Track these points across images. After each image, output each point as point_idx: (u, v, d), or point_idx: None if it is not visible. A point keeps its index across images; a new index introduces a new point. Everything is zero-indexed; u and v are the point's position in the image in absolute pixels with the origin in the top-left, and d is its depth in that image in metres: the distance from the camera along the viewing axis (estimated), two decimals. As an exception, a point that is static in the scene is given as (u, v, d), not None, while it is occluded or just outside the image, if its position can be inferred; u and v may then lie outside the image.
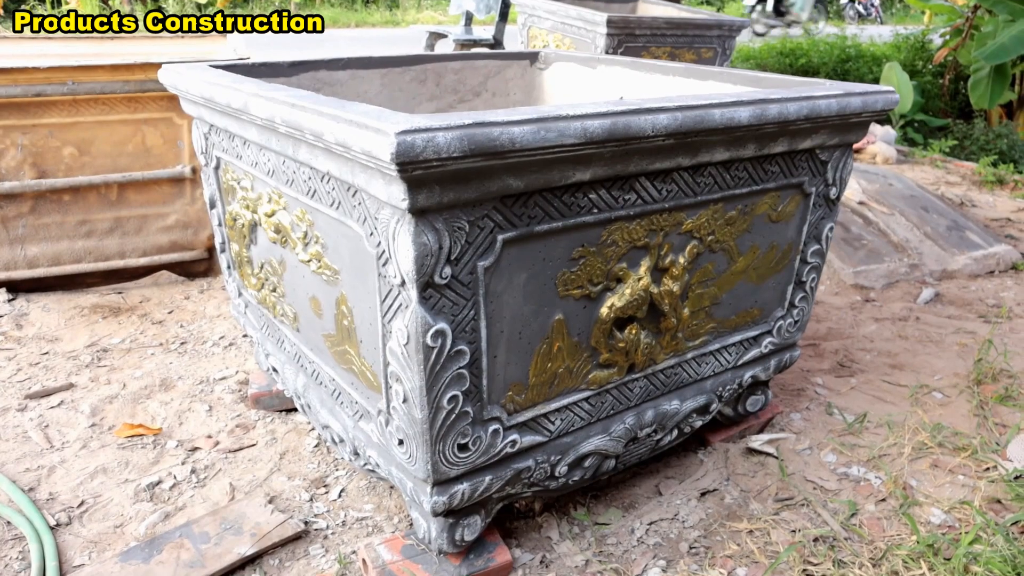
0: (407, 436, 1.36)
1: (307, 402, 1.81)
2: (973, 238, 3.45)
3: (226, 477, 1.93)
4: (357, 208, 1.31)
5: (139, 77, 2.63)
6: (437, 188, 1.15)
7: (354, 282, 1.42)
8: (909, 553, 1.66)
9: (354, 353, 1.50)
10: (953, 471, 1.95)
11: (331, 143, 1.20)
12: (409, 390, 1.30)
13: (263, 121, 1.44)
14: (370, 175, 1.20)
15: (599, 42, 5.19)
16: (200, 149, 2.01)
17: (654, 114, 1.32)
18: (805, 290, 1.92)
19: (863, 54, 9.23)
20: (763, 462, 1.99)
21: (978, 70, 7.35)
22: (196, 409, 2.21)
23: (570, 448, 1.59)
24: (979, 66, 7.30)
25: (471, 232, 1.23)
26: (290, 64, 2.13)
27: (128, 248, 2.90)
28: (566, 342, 1.47)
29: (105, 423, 2.14)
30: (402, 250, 1.18)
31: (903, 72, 7.64)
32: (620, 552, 1.70)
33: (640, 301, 1.54)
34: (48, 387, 2.29)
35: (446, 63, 2.42)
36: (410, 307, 1.22)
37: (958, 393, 2.32)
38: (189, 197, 2.90)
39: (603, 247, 1.44)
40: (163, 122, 2.76)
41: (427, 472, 1.37)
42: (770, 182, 1.68)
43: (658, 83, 2.20)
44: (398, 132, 1.05)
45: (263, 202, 1.71)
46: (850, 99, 1.66)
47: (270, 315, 1.91)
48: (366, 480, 1.92)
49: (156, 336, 2.64)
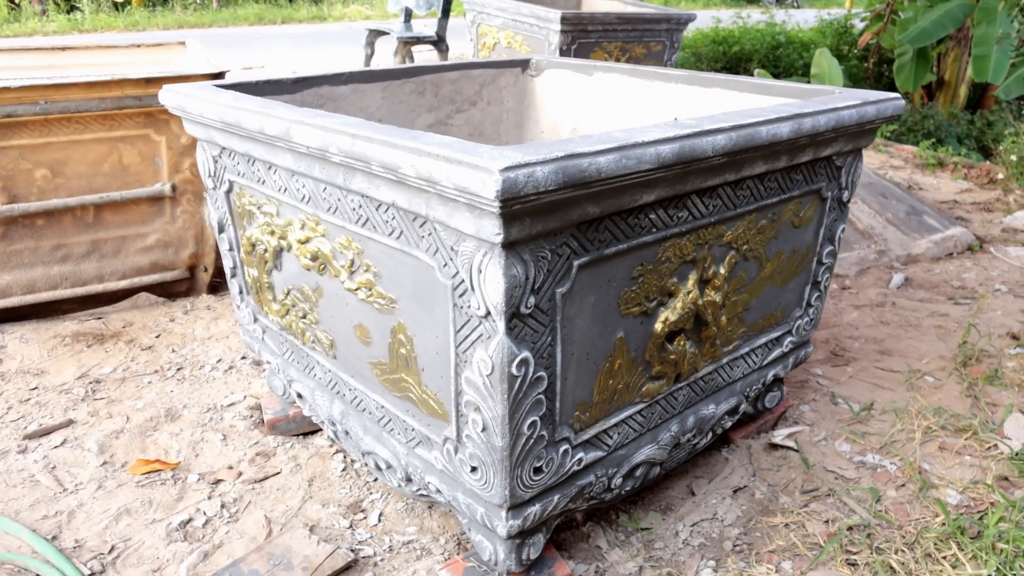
0: (484, 463, 1.37)
1: (345, 429, 1.79)
2: (931, 222, 3.64)
3: (258, 509, 1.89)
4: (426, 239, 1.30)
5: (115, 94, 2.51)
6: (528, 220, 1.15)
7: (416, 311, 1.41)
8: (938, 535, 1.76)
9: (413, 382, 1.49)
10: (959, 452, 2.07)
11: (409, 176, 1.19)
12: (490, 419, 1.30)
13: (309, 149, 1.41)
14: (452, 208, 1.19)
15: (552, 39, 5.21)
16: (208, 172, 1.95)
17: (713, 135, 1.35)
18: (820, 289, 2.00)
19: (792, 40, 9.55)
20: (785, 456, 2.07)
21: (902, 54, 7.70)
22: (210, 439, 2.15)
23: (624, 460, 1.62)
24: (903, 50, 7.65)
25: (551, 260, 1.24)
26: (293, 81, 2.08)
27: (107, 271, 2.77)
28: (625, 359, 1.49)
29: (116, 460, 2.05)
30: (490, 282, 1.18)
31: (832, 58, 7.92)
32: (669, 556, 1.74)
33: (690, 313, 1.58)
34: (46, 425, 2.18)
35: (443, 73, 2.40)
36: (496, 338, 1.23)
37: (947, 376, 2.45)
38: (169, 216, 2.79)
39: (658, 264, 1.46)
40: (140, 139, 2.64)
41: (504, 497, 1.37)
42: (795, 190, 1.74)
43: (661, 92, 2.24)
44: (502, 169, 1.05)
45: (294, 228, 1.67)
46: (867, 108, 1.73)
47: (297, 341, 1.86)
48: (403, 502, 1.90)
49: (149, 363, 2.54)
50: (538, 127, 2.64)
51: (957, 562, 1.69)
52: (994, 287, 3.15)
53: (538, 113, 2.63)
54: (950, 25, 6.81)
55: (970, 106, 8.01)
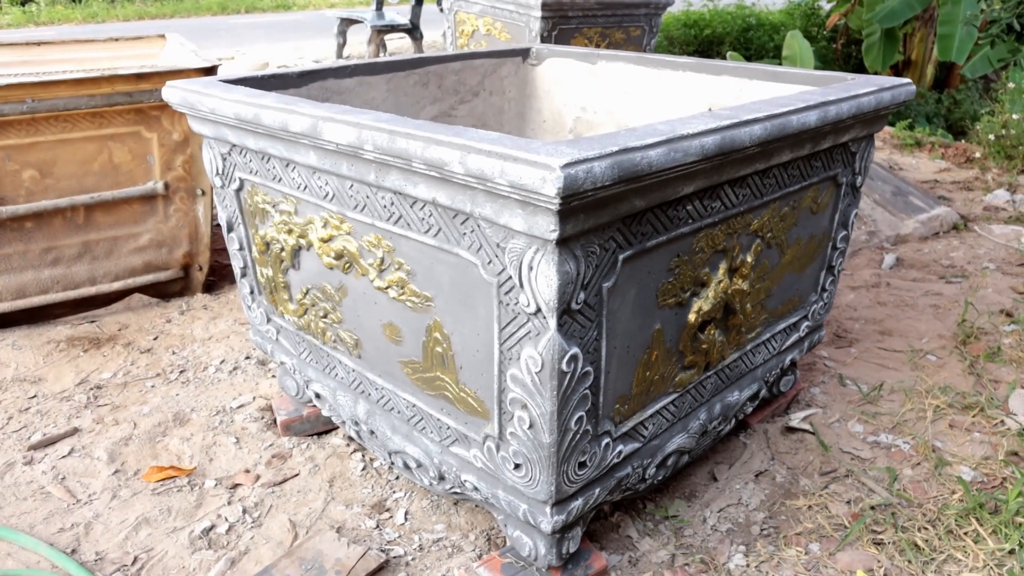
0: (529, 460, 1.36)
1: (370, 429, 1.76)
2: (916, 202, 3.70)
3: (281, 513, 1.86)
4: (469, 236, 1.28)
5: (105, 91, 2.43)
6: (581, 216, 1.14)
7: (454, 309, 1.39)
8: (958, 512, 1.79)
9: (449, 380, 1.47)
10: (969, 430, 2.12)
11: (456, 173, 1.17)
12: (538, 415, 1.29)
13: (338, 146, 1.38)
14: (500, 205, 1.17)
15: (533, 25, 5.17)
16: (215, 170, 1.90)
17: (750, 125, 1.35)
18: (834, 273, 2.02)
19: (763, 23, 9.62)
20: (801, 438, 2.09)
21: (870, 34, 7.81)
22: (222, 443, 2.11)
23: (658, 450, 1.62)
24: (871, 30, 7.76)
25: (599, 255, 1.23)
26: (299, 75, 2.04)
27: (99, 273, 2.70)
28: (661, 350, 1.49)
29: (128, 468, 2.01)
30: (543, 279, 1.17)
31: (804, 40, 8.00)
32: (699, 542, 1.76)
33: (721, 303, 1.58)
34: (51, 435, 2.12)
35: (446, 64, 2.37)
36: (547, 334, 1.21)
37: (948, 354, 2.50)
38: (162, 214, 2.72)
39: (693, 255, 1.46)
40: (131, 137, 2.57)
41: (549, 493, 1.37)
42: (814, 177, 1.75)
43: (669, 80, 2.23)
44: (563, 166, 1.03)
45: (315, 226, 1.64)
46: (883, 94, 1.75)
47: (316, 341, 1.83)
48: (428, 499, 1.89)
49: (150, 367, 2.48)
50: (540, 116, 2.62)
51: (979, 537, 1.73)
52: (982, 265, 3.22)
53: (540, 102, 2.61)
54: (917, 5, 6.91)
55: (937, 85, 8.16)
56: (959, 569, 1.66)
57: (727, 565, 1.68)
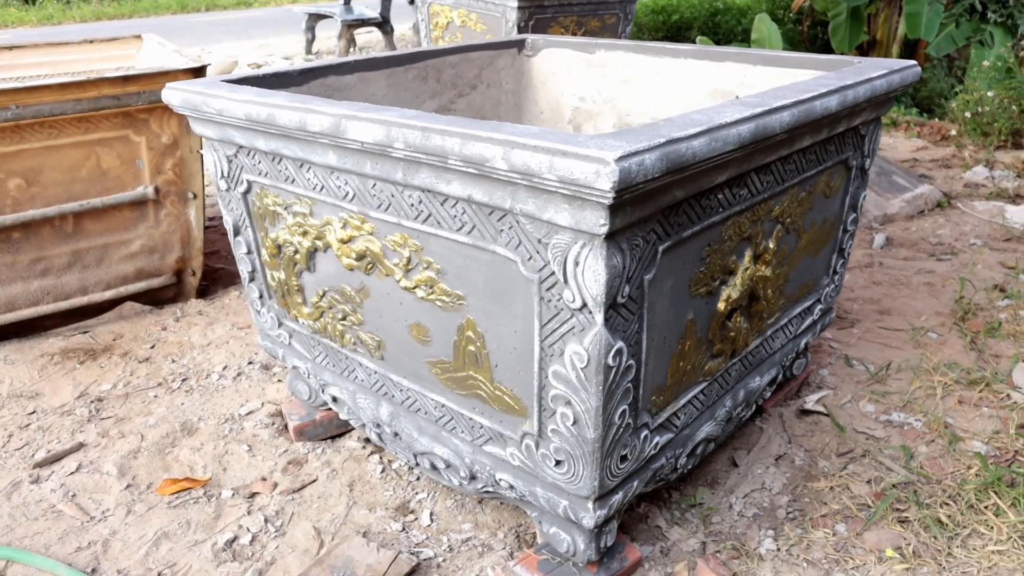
0: (572, 456, 1.35)
1: (395, 431, 1.74)
2: (900, 181, 3.76)
3: (304, 520, 1.83)
4: (506, 232, 1.26)
5: (92, 94, 2.36)
6: (628, 209, 1.13)
7: (488, 307, 1.37)
8: (976, 487, 1.83)
9: (483, 379, 1.45)
10: (977, 405, 2.15)
11: (499, 169, 1.15)
12: (583, 411, 1.28)
13: (363, 145, 1.35)
14: (544, 201, 1.15)
15: (510, 16, 5.15)
16: (221, 173, 1.85)
17: (779, 112, 1.35)
18: (844, 256, 2.04)
19: (730, 7, 9.68)
20: (816, 420, 2.11)
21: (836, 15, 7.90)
22: (235, 451, 2.07)
23: (689, 439, 1.63)
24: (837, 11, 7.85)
25: (642, 248, 1.22)
26: (299, 72, 2.00)
27: (90, 282, 2.63)
28: (693, 340, 1.49)
29: (140, 482, 1.96)
30: (590, 274, 1.16)
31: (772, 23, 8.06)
32: (727, 529, 1.76)
33: (748, 290, 1.58)
34: (55, 451, 2.06)
35: (444, 57, 2.34)
36: (593, 329, 1.20)
37: (948, 331, 2.54)
38: (153, 220, 2.65)
39: (722, 243, 1.46)
40: (119, 141, 2.50)
41: (592, 489, 1.36)
42: (828, 160, 1.76)
43: (670, 68, 2.23)
44: (617, 159, 1.02)
45: (334, 228, 1.61)
46: (893, 76, 1.76)
47: (334, 344, 1.80)
48: (452, 499, 1.87)
49: (150, 376, 2.42)
50: (537, 108, 2.60)
51: (1000, 511, 1.76)
52: (969, 242, 3.28)
53: (536, 94, 2.59)
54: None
55: (903, 65, 8.26)
56: (983, 543, 1.69)
57: (758, 550, 1.69)
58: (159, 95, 2.45)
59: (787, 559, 1.67)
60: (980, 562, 1.64)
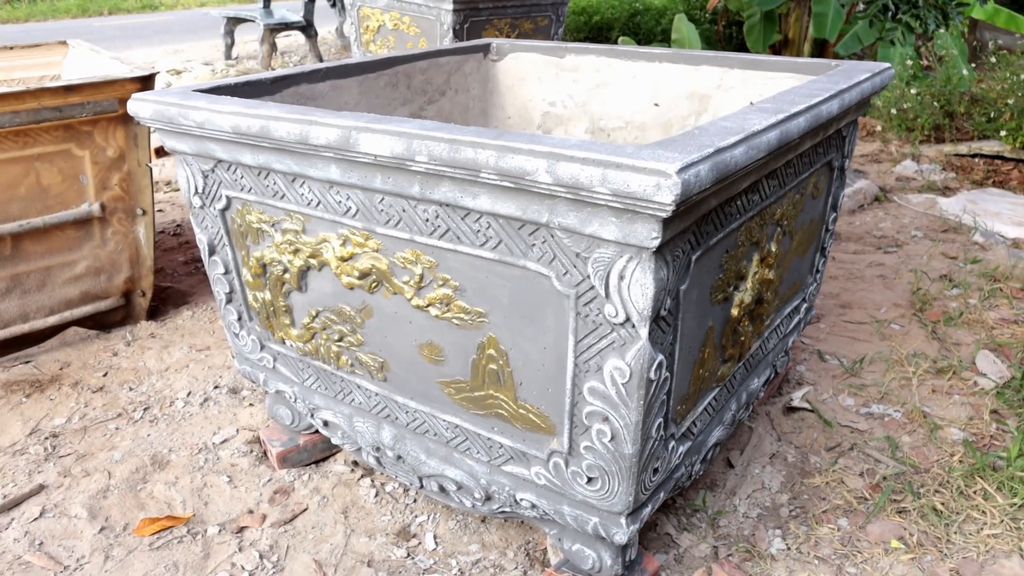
0: (607, 473, 1.32)
1: (399, 454, 1.67)
2: (839, 178, 3.89)
3: (301, 553, 1.73)
4: (539, 247, 1.22)
5: (30, 106, 2.17)
6: (677, 221, 1.10)
7: (514, 324, 1.32)
8: (963, 473, 1.90)
9: (505, 398, 1.41)
10: (948, 392, 2.24)
11: (542, 182, 1.10)
12: (622, 427, 1.25)
13: (376, 158, 1.28)
14: (588, 214, 1.12)
15: (445, 19, 5.10)
16: (194, 189, 1.74)
17: (797, 118, 1.35)
18: (825, 255, 2.08)
19: (649, 8, 9.87)
20: (802, 417, 2.15)
21: (751, 16, 8.17)
22: (214, 483, 1.94)
23: (703, 445, 1.62)
24: (751, 12, 8.11)
25: (680, 259, 1.20)
26: (272, 81, 1.89)
27: (31, 308, 2.43)
28: (712, 347, 1.49)
29: (114, 523, 1.81)
30: (636, 288, 1.13)
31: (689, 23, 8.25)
32: (735, 531, 1.77)
33: (757, 294, 1.59)
34: (13, 496, 1.89)
35: (414, 63, 2.27)
36: (636, 344, 1.17)
37: (908, 322, 2.64)
38: (99, 239, 2.47)
39: (737, 248, 1.46)
40: (60, 156, 2.31)
41: (627, 504, 1.33)
42: (818, 163, 1.79)
43: (644, 72, 2.23)
44: (679, 171, 0.99)
45: (331, 245, 1.53)
46: (875, 79, 1.80)
47: (327, 367, 1.71)
48: (453, 520, 1.81)
49: (108, 407, 2.25)
50: (504, 113, 2.56)
51: (988, 495, 1.83)
52: (911, 233, 3.43)
53: (503, 99, 2.55)
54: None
55: (815, 64, 8.61)
56: (978, 527, 1.75)
57: (769, 551, 1.71)
58: (104, 106, 2.29)
59: (798, 557, 1.69)
60: (978, 546, 1.70)
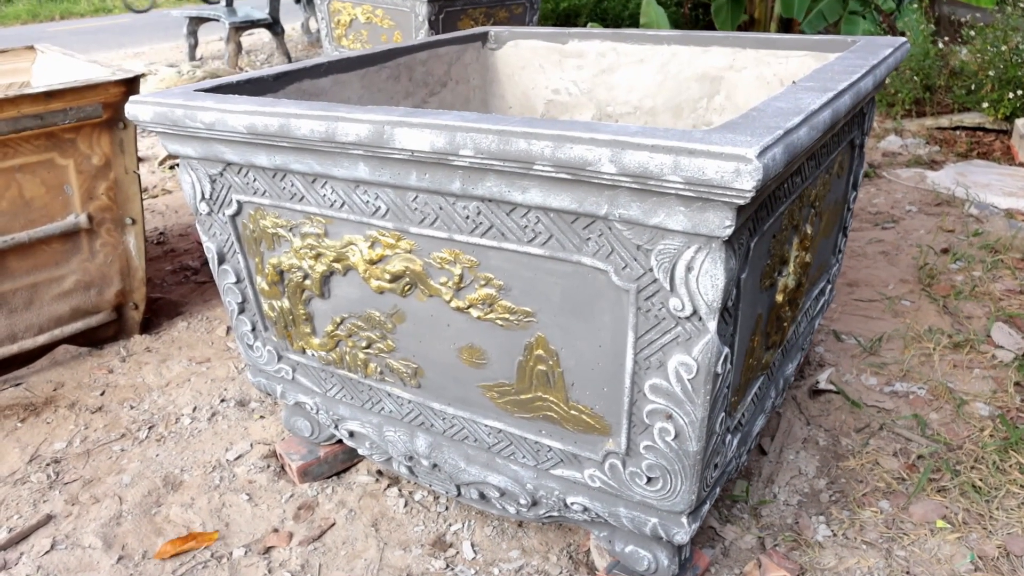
0: (669, 472, 1.27)
1: (434, 462, 1.60)
2: (828, 156, 3.89)
3: (335, 571, 1.66)
4: (595, 240, 1.16)
5: (10, 115, 2.05)
6: (746, 208, 1.05)
7: (566, 322, 1.26)
8: (996, 448, 1.89)
9: (555, 399, 1.35)
10: (969, 367, 2.24)
11: (605, 172, 1.04)
12: (687, 423, 1.20)
13: (414, 153, 1.21)
14: (654, 204, 1.06)
15: (419, 10, 5.01)
16: (201, 195, 1.65)
17: (843, 96, 1.31)
18: (846, 234, 2.05)
19: (616, -8, 9.82)
20: (828, 399, 2.13)
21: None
22: (233, 502, 1.86)
23: (748, 435, 1.58)
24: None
25: (743, 247, 1.15)
26: (274, 78, 1.81)
27: (19, 328, 2.30)
28: (760, 335, 1.44)
29: (132, 551, 1.72)
30: (706, 280, 1.07)
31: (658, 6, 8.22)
32: (778, 520, 1.74)
33: (799, 278, 1.55)
34: (19, 529, 1.78)
35: (414, 55, 2.19)
36: (704, 337, 1.12)
37: (918, 297, 2.64)
38: (87, 252, 2.36)
39: (781, 232, 1.42)
40: (43, 166, 2.19)
41: (689, 503, 1.29)
42: (843, 141, 1.75)
43: (653, 55, 2.17)
44: (758, 155, 0.94)
45: (358, 248, 1.45)
46: (896, 54, 1.77)
47: (353, 375, 1.64)
48: (489, 526, 1.75)
49: (110, 427, 2.15)
50: (505, 103, 2.49)
51: (1023, 468, 1.82)
52: (905, 208, 3.43)
53: (503, 88, 2.48)
54: (756, -33, 7.27)
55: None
56: (1019, 502, 1.74)
57: (815, 539, 1.68)
58: (88, 111, 2.18)
59: (845, 543, 1.66)
60: (1021, 521, 1.69)
